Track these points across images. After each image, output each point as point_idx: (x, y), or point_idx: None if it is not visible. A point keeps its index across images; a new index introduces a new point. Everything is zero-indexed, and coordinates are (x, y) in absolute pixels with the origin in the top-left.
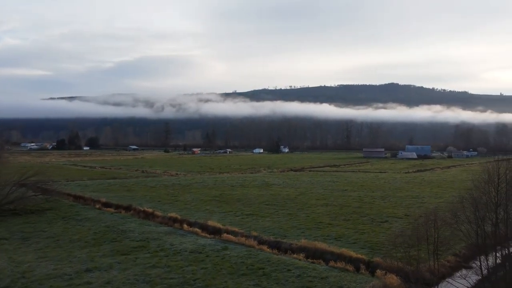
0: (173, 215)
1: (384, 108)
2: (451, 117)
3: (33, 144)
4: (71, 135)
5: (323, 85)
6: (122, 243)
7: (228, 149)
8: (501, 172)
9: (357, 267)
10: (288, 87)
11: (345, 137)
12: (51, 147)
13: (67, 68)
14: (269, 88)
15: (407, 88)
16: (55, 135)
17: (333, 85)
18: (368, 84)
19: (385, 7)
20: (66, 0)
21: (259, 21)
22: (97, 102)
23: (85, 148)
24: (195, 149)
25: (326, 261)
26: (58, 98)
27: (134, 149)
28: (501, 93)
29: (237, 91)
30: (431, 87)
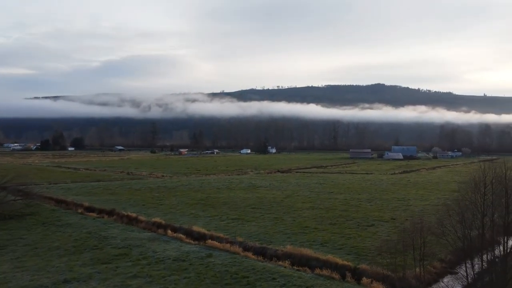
0: (157, 220)
1: (371, 108)
2: (436, 117)
3: (16, 144)
4: (55, 135)
5: (310, 85)
6: (103, 250)
7: (216, 150)
8: (488, 181)
9: (343, 275)
10: (276, 87)
11: (332, 137)
12: (34, 147)
13: (52, 67)
14: (257, 88)
15: (393, 88)
16: (39, 135)
17: (320, 85)
18: (355, 84)
19: (371, 9)
20: None
21: (246, 21)
22: (83, 101)
23: (69, 149)
24: (182, 149)
25: (312, 268)
26: (42, 98)
27: (120, 150)
28: (484, 94)
29: (225, 91)
30: (416, 87)
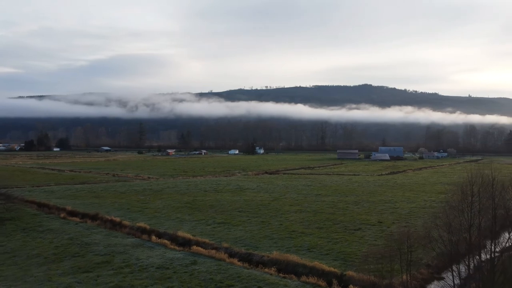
0: (142, 224)
1: (358, 109)
2: (422, 117)
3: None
4: (40, 135)
5: (298, 86)
6: (85, 258)
7: (204, 150)
8: (475, 190)
9: (329, 282)
10: (264, 88)
11: (319, 138)
12: (18, 148)
13: (37, 65)
14: (245, 88)
15: (380, 89)
16: (23, 135)
17: (308, 85)
18: (342, 85)
19: (359, 10)
20: None
21: (235, 21)
22: (68, 101)
23: (55, 149)
24: (169, 150)
25: (298, 275)
26: (27, 97)
27: (107, 150)
28: (469, 95)
29: (213, 91)
30: (403, 88)
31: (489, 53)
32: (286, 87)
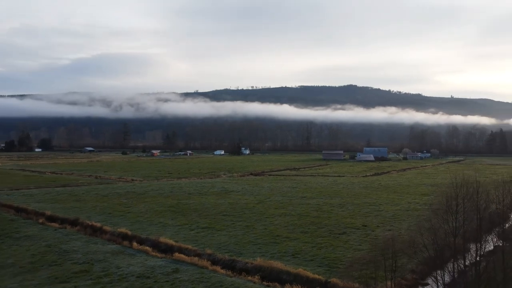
0: (123, 230)
1: (343, 109)
2: (406, 118)
3: None
4: (21, 135)
5: (284, 86)
6: (63, 267)
7: (189, 151)
8: (459, 200)
9: None
10: (250, 88)
11: (305, 138)
12: None
13: (19, 64)
14: (231, 88)
15: (365, 90)
16: (4, 135)
17: (294, 86)
18: (327, 85)
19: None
20: None
21: (221, 21)
22: (51, 100)
23: (36, 150)
24: (154, 151)
25: (282, 283)
26: (8, 96)
27: (90, 151)
28: (452, 96)
29: (198, 91)
30: (387, 89)
31: (471, 54)
32: (272, 87)
